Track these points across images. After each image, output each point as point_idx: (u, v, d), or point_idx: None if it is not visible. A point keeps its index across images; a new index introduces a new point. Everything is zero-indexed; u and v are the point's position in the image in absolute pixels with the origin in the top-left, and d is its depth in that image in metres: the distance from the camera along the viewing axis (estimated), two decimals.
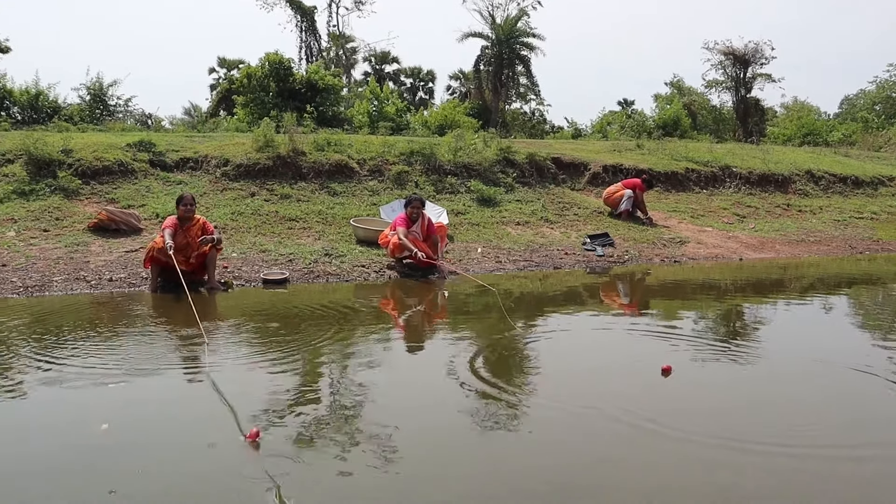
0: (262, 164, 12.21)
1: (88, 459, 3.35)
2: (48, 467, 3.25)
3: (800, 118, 36.94)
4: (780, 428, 3.80)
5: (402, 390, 4.44)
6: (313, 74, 22.29)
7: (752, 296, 8.43)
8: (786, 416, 4.03)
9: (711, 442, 3.55)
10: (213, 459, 3.34)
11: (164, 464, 3.27)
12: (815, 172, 17.55)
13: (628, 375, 4.86)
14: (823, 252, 12.30)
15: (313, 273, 8.73)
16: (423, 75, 47.85)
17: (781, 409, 4.16)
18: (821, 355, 5.38)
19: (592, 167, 15.15)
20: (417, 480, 3.13)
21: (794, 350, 5.65)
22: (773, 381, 4.77)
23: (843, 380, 4.79)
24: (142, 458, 3.32)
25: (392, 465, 3.24)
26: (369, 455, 3.32)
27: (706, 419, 3.94)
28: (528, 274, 9.49)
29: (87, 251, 8.96)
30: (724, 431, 3.69)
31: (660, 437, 3.62)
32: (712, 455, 3.42)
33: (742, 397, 4.40)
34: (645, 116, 31.45)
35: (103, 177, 11.25)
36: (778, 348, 5.65)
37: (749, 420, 3.95)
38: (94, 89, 23.19)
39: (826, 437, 3.70)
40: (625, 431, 3.69)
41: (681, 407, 4.16)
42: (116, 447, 3.46)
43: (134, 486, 3.04)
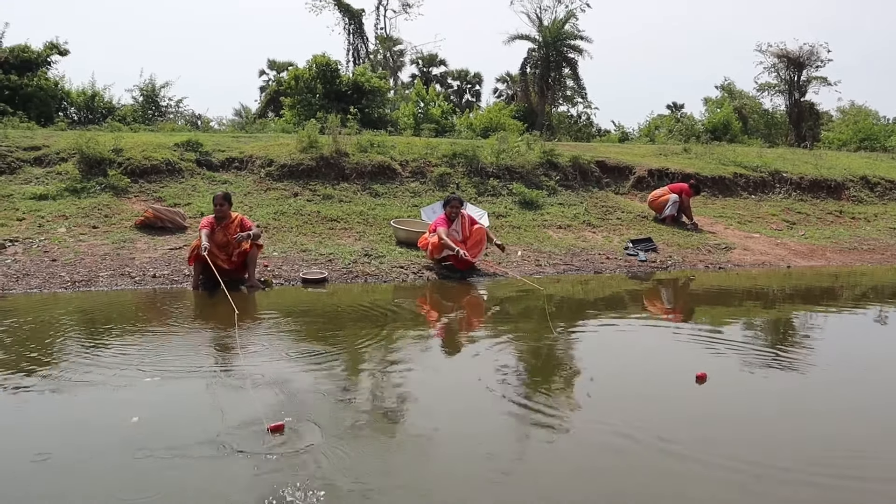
0: (306, 165, 12.34)
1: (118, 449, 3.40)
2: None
3: (856, 122, 35.89)
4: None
5: (438, 395, 4.39)
6: (359, 76, 22.46)
7: (800, 304, 8.21)
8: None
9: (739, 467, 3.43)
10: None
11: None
12: (870, 178, 17.01)
13: (667, 388, 4.76)
14: (877, 261, 11.91)
15: (352, 273, 8.78)
16: (470, 78, 47.89)
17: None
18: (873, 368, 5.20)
19: (637, 171, 14.94)
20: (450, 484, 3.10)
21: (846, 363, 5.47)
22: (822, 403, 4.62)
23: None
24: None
25: (428, 469, 3.22)
26: (407, 455, 3.31)
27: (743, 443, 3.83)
28: (568, 278, 9.39)
29: (133, 248, 9.15)
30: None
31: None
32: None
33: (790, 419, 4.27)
34: (694, 120, 30.91)
35: (151, 175, 11.49)
36: (826, 361, 5.47)
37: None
38: (146, 90, 23.74)
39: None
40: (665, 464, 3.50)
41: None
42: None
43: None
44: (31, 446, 3.43)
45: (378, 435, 3.61)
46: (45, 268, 8.22)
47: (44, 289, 7.54)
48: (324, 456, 3.30)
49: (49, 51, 20.57)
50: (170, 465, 3.22)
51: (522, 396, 4.29)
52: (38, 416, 3.92)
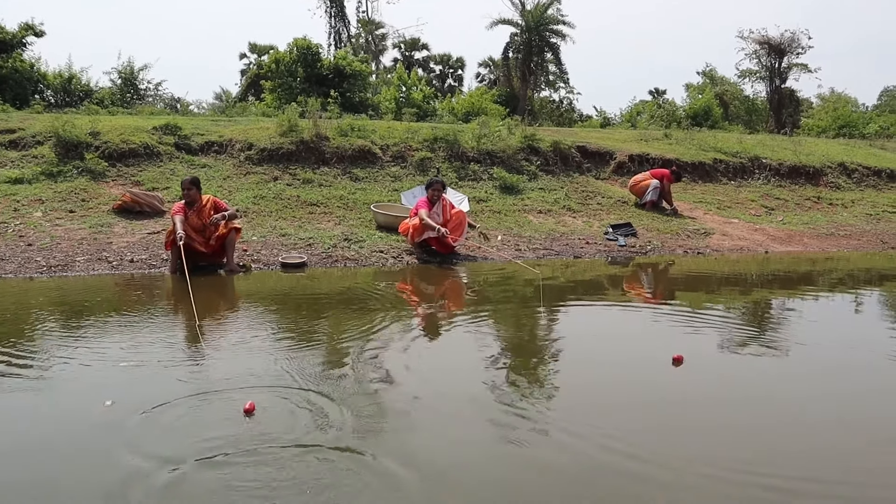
0: (286, 149, 12.27)
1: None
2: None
3: (835, 109, 36.17)
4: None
5: (420, 379, 4.39)
6: (341, 60, 22.29)
7: (777, 289, 8.29)
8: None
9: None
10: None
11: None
12: (848, 165, 17.17)
13: (643, 370, 4.81)
14: (853, 247, 12.05)
15: (331, 258, 8.76)
16: (453, 62, 47.65)
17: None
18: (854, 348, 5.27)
19: (618, 156, 14.99)
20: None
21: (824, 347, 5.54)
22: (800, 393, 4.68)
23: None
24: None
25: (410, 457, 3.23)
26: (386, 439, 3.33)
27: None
28: (547, 262, 9.42)
29: (110, 232, 9.07)
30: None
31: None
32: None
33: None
34: (675, 106, 30.97)
35: (129, 159, 11.38)
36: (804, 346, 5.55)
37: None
38: (125, 73, 23.40)
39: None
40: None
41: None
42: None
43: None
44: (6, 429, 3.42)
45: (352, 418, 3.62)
46: (21, 252, 8.13)
47: (19, 273, 7.46)
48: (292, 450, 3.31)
49: (24, 32, 20.21)
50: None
51: (501, 382, 4.31)
52: (11, 400, 3.89)
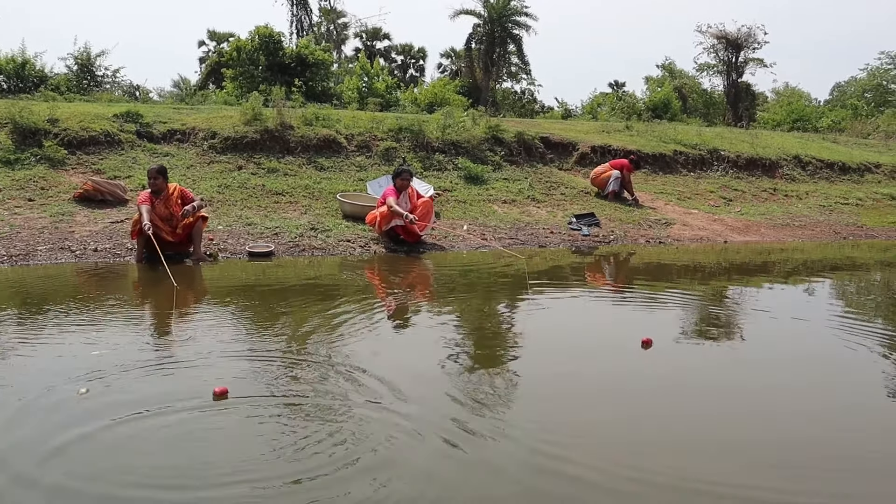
0: (250, 138, 12.17)
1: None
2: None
3: (790, 104, 37.02)
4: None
5: (385, 369, 4.46)
6: (303, 49, 22.14)
7: (735, 277, 8.52)
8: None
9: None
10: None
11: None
12: (802, 158, 17.63)
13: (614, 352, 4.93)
14: (808, 237, 12.41)
15: (298, 247, 8.75)
16: (415, 53, 47.63)
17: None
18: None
19: (581, 147, 15.17)
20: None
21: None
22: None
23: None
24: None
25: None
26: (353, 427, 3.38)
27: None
28: (513, 251, 9.52)
29: (72, 221, 8.93)
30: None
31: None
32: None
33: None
34: (635, 98, 31.43)
35: (89, 147, 11.18)
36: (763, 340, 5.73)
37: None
38: (81, 59, 22.92)
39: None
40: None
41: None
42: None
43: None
44: None
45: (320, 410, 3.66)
46: None
47: None
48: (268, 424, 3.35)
49: None
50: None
51: (466, 371, 4.38)
52: None
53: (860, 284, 8.42)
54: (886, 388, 4.21)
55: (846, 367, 4.63)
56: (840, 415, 3.79)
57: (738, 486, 2.85)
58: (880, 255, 11.06)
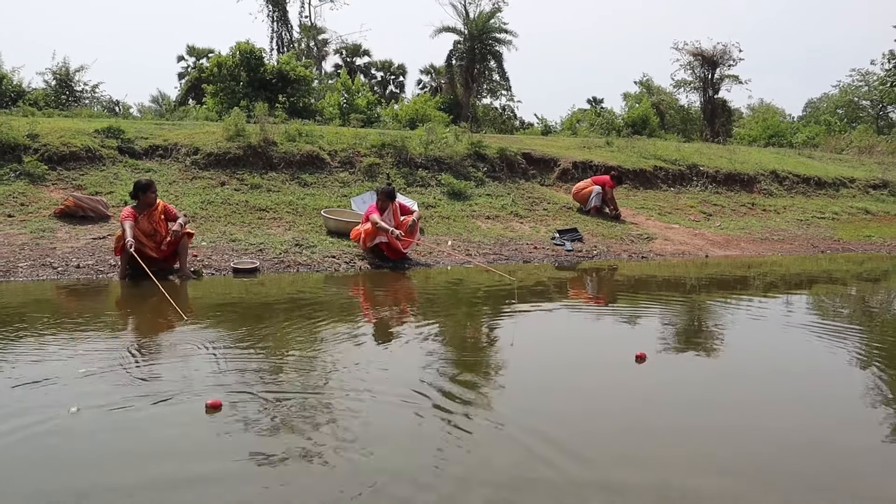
0: (233, 154, 12.14)
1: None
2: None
3: (765, 120, 37.64)
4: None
5: (368, 382, 4.45)
6: (284, 65, 22.10)
7: (717, 292, 8.60)
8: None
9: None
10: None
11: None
12: (779, 173, 17.91)
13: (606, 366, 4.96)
14: (787, 250, 12.57)
15: (283, 263, 8.73)
16: (394, 69, 47.70)
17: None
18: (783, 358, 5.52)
19: (562, 163, 15.29)
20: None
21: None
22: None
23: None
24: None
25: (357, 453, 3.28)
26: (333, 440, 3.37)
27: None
28: (497, 267, 9.56)
29: (53, 237, 8.84)
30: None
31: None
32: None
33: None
34: (614, 115, 31.74)
35: (70, 163, 11.10)
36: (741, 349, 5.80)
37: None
38: (60, 74, 22.78)
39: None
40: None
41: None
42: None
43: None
44: None
45: (302, 421, 3.65)
46: None
47: None
48: (253, 439, 3.33)
49: None
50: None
51: (451, 389, 4.39)
52: None
53: (840, 297, 8.54)
54: (870, 401, 4.28)
55: (829, 379, 4.70)
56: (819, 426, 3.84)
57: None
58: (857, 267, 11.23)
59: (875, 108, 42.21)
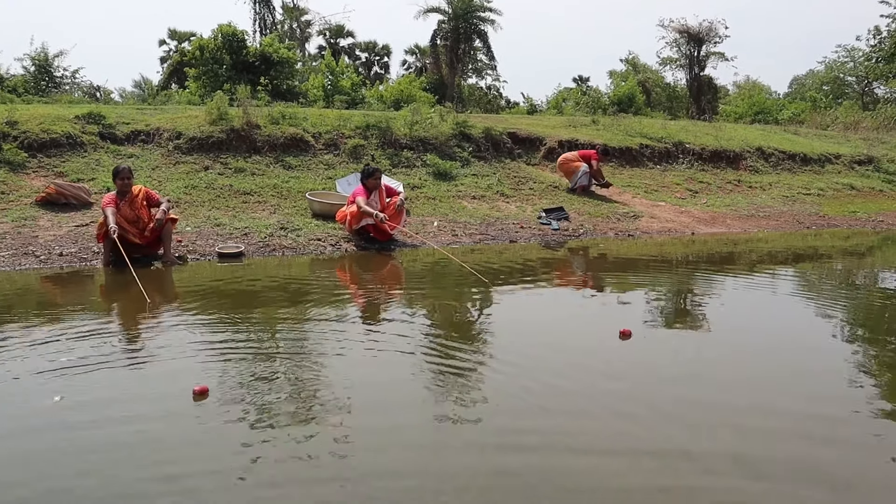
0: (216, 138, 12.03)
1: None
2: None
3: (751, 97, 37.65)
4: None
5: (357, 364, 4.45)
6: (267, 47, 21.93)
7: (704, 269, 8.62)
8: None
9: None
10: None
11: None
12: (765, 149, 17.95)
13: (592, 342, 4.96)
14: (773, 227, 12.62)
15: (269, 247, 8.68)
16: (379, 50, 47.43)
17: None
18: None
19: (548, 142, 15.25)
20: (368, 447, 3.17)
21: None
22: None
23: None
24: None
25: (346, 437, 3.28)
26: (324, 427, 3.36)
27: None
28: (483, 248, 9.56)
29: (35, 226, 8.75)
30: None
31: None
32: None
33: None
34: (600, 93, 31.68)
35: (51, 150, 10.96)
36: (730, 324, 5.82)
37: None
38: (39, 60, 22.47)
39: None
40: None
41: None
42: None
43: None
44: None
45: (291, 405, 3.64)
46: None
47: None
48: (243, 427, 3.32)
49: None
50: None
51: (441, 367, 4.38)
52: None
53: (825, 272, 8.59)
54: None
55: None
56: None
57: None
58: (842, 243, 11.30)
59: (860, 85, 42.27)
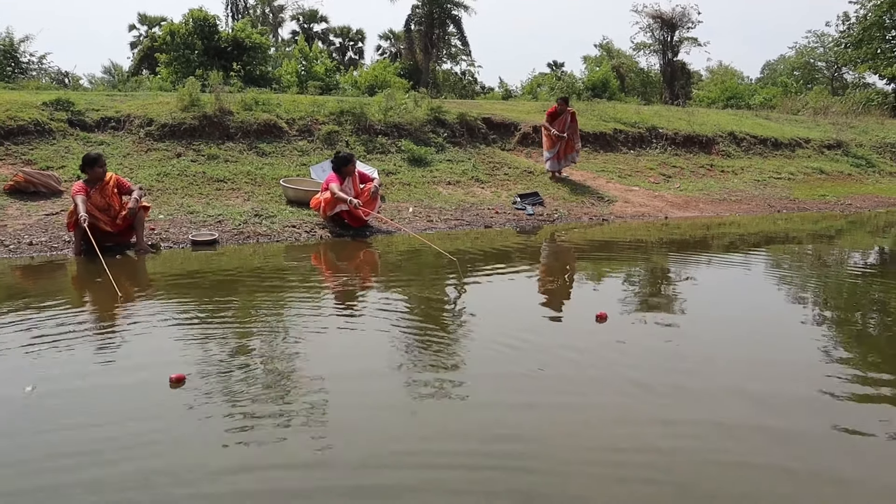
0: (188, 124, 11.89)
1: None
2: None
3: (723, 82, 37.95)
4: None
5: (334, 349, 4.46)
6: (240, 32, 21.71)
7: (674, 253, 8.72)
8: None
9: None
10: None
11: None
12: (737, 134, 18.12)
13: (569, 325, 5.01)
14: (744, 211, 12.78)
15: (243, 234, 8.63)
16: (353, 35, 47.12)
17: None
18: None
19: (522, 127, 15.27)
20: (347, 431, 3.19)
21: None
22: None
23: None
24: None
25: (324, 420, 3.29)
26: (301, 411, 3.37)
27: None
28: (459, 233, 9.58)
29: (3, 215, 8.61)
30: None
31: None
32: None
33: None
34: (574, 78, 31.78)
35: (18, 137, 10.77)
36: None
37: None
38: (4, 45, 22.04)
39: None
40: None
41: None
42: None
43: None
44: None
45: (269, 391, 3.65)
46: None
47: None
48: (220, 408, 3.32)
49: None
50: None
51: (417, 350, 4.41)
52: None
53: (795, 254, 8.73)
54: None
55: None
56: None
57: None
58: (811, 226, 11.47)
59: (830, 70, 42.80)
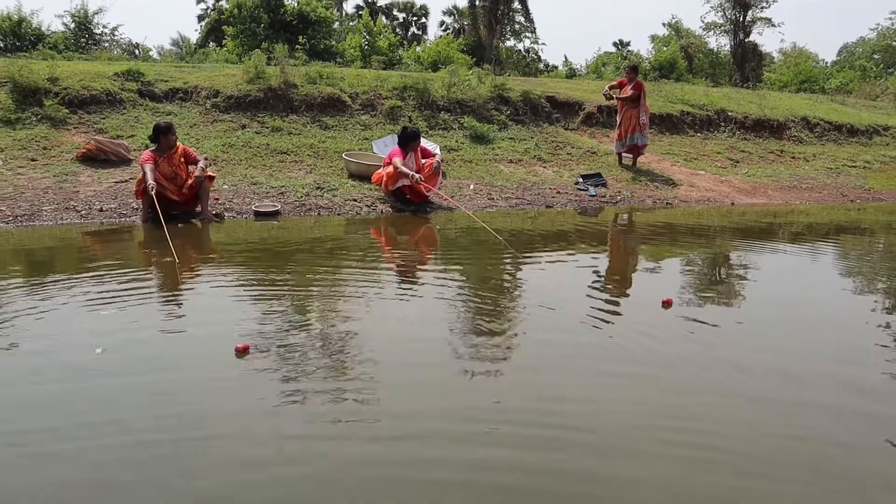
0: (253, 96, 12.02)
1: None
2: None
3: (797, 65, 36.63)
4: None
5: (390, 324, 4.45)
6: (305, 6, 21.79)
7: (741, 240, 8.46)
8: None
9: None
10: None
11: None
12: (810, 119, 17.45)
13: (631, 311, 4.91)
14: (815, 199, 12.33)
15: (305, 206, 8.70)
16: (416, 10, 46.99)
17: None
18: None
19: (587, 107, 15.00)
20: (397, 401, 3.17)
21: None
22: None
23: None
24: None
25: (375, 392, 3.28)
26: (354, 382, 3.37)
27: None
28: (519, 212, 9.48)
29: (76, 181, 8.85)
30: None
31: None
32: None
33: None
34: (641, 58, 31.07)
35: (91, 106, 11.04)
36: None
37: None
38: (78, 17, 22.60)
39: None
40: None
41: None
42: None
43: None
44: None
45: (322, 362, 3.65)
46: None
47: None
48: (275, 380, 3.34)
49: None
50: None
51: (471, 332, 4.36)
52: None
53: (865, 247, 8.38)
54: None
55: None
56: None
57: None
58: (887, 217, 10.99)
59: None
